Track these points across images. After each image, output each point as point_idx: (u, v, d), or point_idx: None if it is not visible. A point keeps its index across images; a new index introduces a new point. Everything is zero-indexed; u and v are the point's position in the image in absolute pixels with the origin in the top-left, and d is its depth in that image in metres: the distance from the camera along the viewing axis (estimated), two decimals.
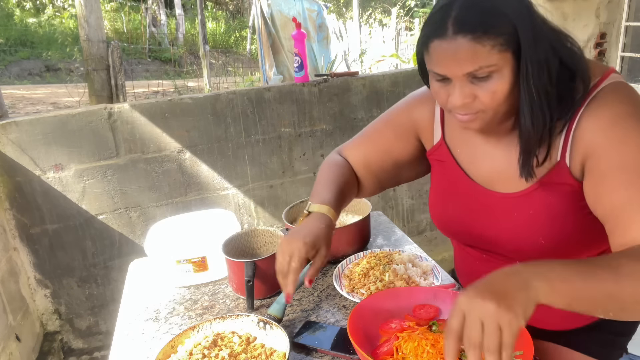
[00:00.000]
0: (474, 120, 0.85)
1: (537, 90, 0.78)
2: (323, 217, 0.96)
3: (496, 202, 0.95)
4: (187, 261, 1.26)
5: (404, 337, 0.85)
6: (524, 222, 0.91)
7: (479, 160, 0.98)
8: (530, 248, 0.91)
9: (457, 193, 1.02)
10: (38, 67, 9.77)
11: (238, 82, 7.88)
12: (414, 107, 1.09)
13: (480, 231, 0.99)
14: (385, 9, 13.95)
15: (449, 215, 1.05)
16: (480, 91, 0.80)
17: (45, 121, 2.00)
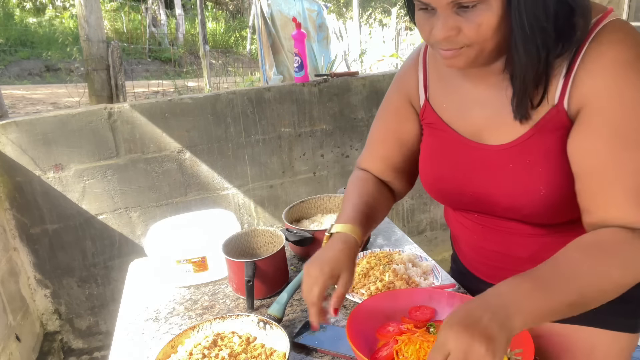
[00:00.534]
0: (458, 57, 0.78)
1: (531, 23, 0.71)
2: (344, 237, 0.90)
3: (489, 155, 0.88)
4: (187, 261, 1.26)
5: (404, 340, 0.85)
6: (522, 172, 0.84)
7: (467, 112, 0.91)
8: (530, 200, 0.84)
9: (446, 152, 0.95)
10: (38, 67, 9.77)
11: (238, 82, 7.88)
12: (401, 82, 1.04)
13: (474, 189, 0.92)
14: (385, 9, 13.95)
15: (438, 177, 0.98)
16: (466, 23, 0.73)
17: (45, 121, 2.00)
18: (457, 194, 0.96)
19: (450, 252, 1.24)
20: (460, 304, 0.69)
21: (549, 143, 0.81)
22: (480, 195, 0.91)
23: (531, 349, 0.79)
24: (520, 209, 0.87)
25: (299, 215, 1.49)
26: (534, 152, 0.83)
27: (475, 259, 1.06)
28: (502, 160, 0.86)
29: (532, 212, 0.85)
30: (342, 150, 2.51)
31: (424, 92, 0.99)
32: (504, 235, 0.94)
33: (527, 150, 0.83)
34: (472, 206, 0.96)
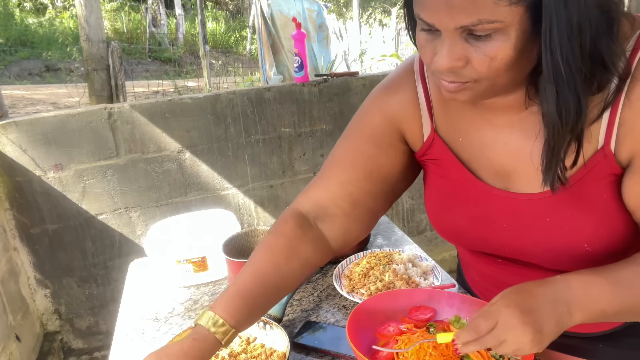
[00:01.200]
0: (462, 91, 0.65)
1: (568, 64, 0.56)
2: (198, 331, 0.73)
3: (520, 206, 0.74)
4: (187, 261, 1.26)
5: (404, 340, 0.85)
6: (561, 227, 0.71)
7: (487, 150, 0.75)
8: (572, 258, 0.73)
9: (465, 199, 0.80)
10: (38, 67, 9.77)
11: (238, 82, 7.88)
12: (385, 102, 0.84)
13: (503, 242, 0.79)
14: (385, 9, 13.96)
15: (459, 225, 0.82)
16: (476, 54, 0.60)
17: (45, 121, 2.00)
18: (483, 244, 0.82)
19: (450, 252, 1.23)
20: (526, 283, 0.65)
21: (595, 193, 0.69)
22: (511, 248, 0.79)
23: None
24: (557, 265, 0.76)
25: None
26: (577, 203, 0.70)
27: (486, 287, 0.98)
28: (537, 211, 0.73)
29: (571, 268, 0.70)
30: None
31: (430, 120, 0.80)
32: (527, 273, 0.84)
33: (565, 203, 0.70)
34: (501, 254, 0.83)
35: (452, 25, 0.58)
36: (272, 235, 0.84)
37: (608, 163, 0.67)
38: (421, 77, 0.81)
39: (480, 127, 0.76)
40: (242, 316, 0.75)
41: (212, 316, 0.73)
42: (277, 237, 0.83)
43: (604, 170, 0.68)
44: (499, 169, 0.76)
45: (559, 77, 0.58)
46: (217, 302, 0.75)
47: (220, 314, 0.73)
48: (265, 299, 0.79)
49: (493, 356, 0.82)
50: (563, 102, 0.60)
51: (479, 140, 0.76)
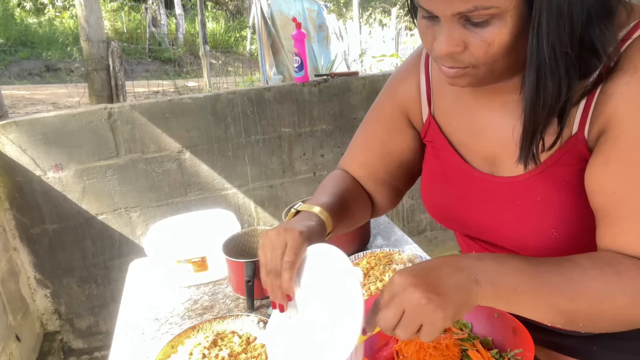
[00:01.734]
0: (462, 76, 0.67)
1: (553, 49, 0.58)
2: (313, 216, 0.78)
3: (496, 188, 0.77)
4: (187, 261, 1.26)
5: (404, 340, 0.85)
6: (530, 211, 0.73)
7: (478, 135, 0.79)
8: (539, 242, 0.74)
9: (450, 179, 0.84)
10: (38, 67, 9.77)
11: (238, 82, 7.88)
12: (396, 89, 0.90)
13: (479, 223, 0.82)
14: (385, 9, 13.96)
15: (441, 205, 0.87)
16: (473, 39, 0.61)
17: (45, 121, 2.00)
18: (462, 224, 0.87)
19: (450, 253, 1.23)
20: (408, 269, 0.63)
21: (565, 178, 0.70)
22: (486, 230, 0.82)
23: (531, 349, 0.79)
24: (527, 249, 0.76)
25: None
26: (547, 188, 0.71)
27: None
28: (511, 194, 0.75)
29: (539, 253, 0.73)
30: (342, 150, 2.51)
31: (428, 105, 0.85)
32: None
33: (537, 187, 0.72)
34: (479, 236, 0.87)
35: (449, 12, 0.60)
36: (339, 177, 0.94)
37: (580, 149, 0.68)
38: (425, 64, 0.85)
39: (474, 112, 0.79)
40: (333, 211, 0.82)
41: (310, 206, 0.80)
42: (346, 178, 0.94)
43: (576, 156, 0.68)
44: (486, 153, 0.79)
45: (542, 63, 0.59)
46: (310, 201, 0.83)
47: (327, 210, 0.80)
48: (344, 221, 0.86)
49: (493, 356, 0.82)
50: (542, 87, 0.61)
51: (471, 125, 0.80)
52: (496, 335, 0.87)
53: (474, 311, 0.92)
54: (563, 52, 0.58)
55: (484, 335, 0.88)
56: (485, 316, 0.90)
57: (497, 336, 0.87)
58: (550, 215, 0.71)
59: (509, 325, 0.86)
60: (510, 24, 0.59)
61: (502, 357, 0.82)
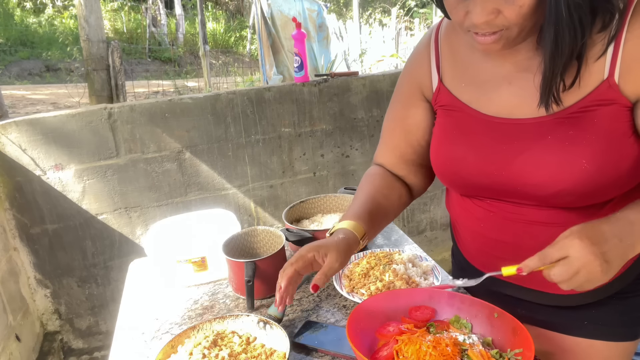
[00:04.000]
0: (498, 41, 0.73)
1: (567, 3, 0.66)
2: (342, 232, 0.92)
3: (523, 129, 0.81)
4: (187, 261, 1.26)
5: (404, 340, 0.85)
6: (562, 143, 0.77)
7: (492, 91, 0.85)
8: (570, 175, 0.77)
9: (464, 131, 0.88)
10: (38, 67, 9.77)
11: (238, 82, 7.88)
12: (411, 68, 0.99)
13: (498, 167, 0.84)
14: (385, 9, 13.96)
15: (452, 158, 0.91)
16: (505, 5, 0.68)
17: (45, 121, 2.00)
18: (476, 176, 0.88)
19: (450, 253, 1.23)
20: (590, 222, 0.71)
21: (599, 117, 0.75)
22: (508, 174, 0.84)
23: (531, 349, 0.79)
24: (555, 185, 0.79)
25: (299, 215, 1.49)
26: (579, 125, 0.76)
27: (477, 247, 1.01)
28: (540, 131, 0.80)
29: (568, 189, 0.78)
30: (342, 150, 2.51)
31: (437, 73, 0.93)
32: (516, 224, 0.89)
33: (570, 123, 0.77)
34: (490, 189, 0.89)
35: None
36: (370, 176, 1.05)
37: (613, 92, 0.74)
38: (435, 39, 0.94)
39: (485, 74, 0.86)
40: (368, 226, 0.94)
41: (350, 222, 0.93)
42: (375, 176, 1.04)
43: (608, 99, 0.75)
44: (502, 106, 0.84)
45: (559, 17, 0.67)
46: (347, 216, 0.95)
47: (355, 220, 0.94)
48: (379, 218, 0.99)
49: (493, 356, 0.82)
50: (561, 39, 0.69)
51: (482, 85, 0.86)
52: (496, 335, 0.87)
53: (474, 311, 0.92)
54: (577, 4, 0.66)
55: (484, 335, 0.88)
56: (485, 316, 0.90)
57: (497, 336, 0.87)
58: (582, 146, 0.76)
59: (509, 325, 0.86)
60: None
61: (502, 357, 0.82)
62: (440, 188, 2.77)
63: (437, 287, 1.10)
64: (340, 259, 0.88)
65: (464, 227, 1.04)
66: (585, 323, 0.95)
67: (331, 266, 0.88)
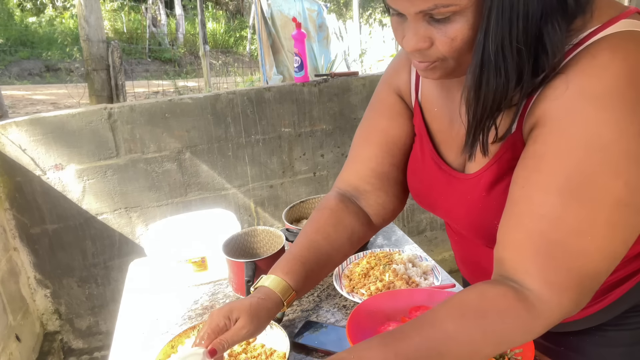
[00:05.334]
0: (433, 70, 0.69)
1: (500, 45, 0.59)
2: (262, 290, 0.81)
3: (454, 183, 0.81)
4: (187, 261, 1.26)
5: None
6: (476, 205, 0.77)
7: (454, 124, 0.81)
8: (486, 233, 0.77)
9: (424, 166, 0.87)
10: (38, 67, 9.77)
11: (238, 82, 7.88)
12: (391, 77, 0.93)
13: (444, 210, 0.87)
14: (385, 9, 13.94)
15: (418, 188, 0.91)
16: (438, 35, 0.63)
17: (45, 121, 2.00)
18: (434, 209, 0.91)
19: (450, 253, 1.24)
20: None
21: (507, 175, 0.71)
22: (450, 217, 0.87)
23: (531, 349, 0.79)
24: (479, 237, 0.81)
25: (299, 215, 1.49)
26: (491, 184, 0.74)
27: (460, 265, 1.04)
28: (464, 189, 0.79)
29: (489, 242, 0.76)
30: (342, 150, 2.51)
31: (415, 92, 0.89)
32: (476, 247, 0.89)
33: (483, 183, 0.75)
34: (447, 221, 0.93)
35: (412, 10, 0.62)
36: (319, 211, 0.93)
37: (518, 146, 0.70)
38: None
39: (454, 101, 0.80)
40: (300, 279, 0.83)
41: (274, 278, 0.82)
42: (323, 211, 0.93)
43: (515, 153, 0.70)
44: (455, 144, 0.81)
45: (485, 59, 0.61)
46: (276, 268, 0.84)
47: (282, 276, 0.82)
48: (318, 266, 0.87)
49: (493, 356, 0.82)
50: (485, 83, 0.63)
51: (449, 113, 0.82)
52: None
53: None
54: (514, 48, 0.59)
55: None
56: None
57: None
58: (492, 210, 0.74)
59: None
60: (471, 20, 0.60)
61: (502, 357, 0.82)
62: None
63: (437, 287, 1.11)
64: (251, 326, 0.77)
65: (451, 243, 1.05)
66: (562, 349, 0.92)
67: (236, 333, 0.76)
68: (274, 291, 0.81)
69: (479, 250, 0.87)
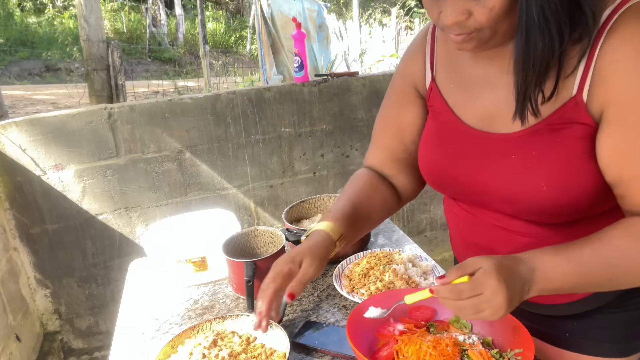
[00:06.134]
0: (469, 41, 0.72)
1: (542, 8, 0.63)
2: (316, 233, 0.89)
3: (492, 144, 0.82)
4: (187, 261, 1.26)
5: (404, 340, 0.85)
6: (525, 163, 0.77)
7: (475, 96, 0.85)
8: (528, 196, 0.78)
9: (445, 138, 0.90)
10: (38, 67, 9.77)
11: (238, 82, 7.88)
12: (405, 66, 0.98)
13: (471, 179, 0.86)
14: (385, 9, 13.96)
15: (434, 164, 0.93)
16: (476, 7, 0.66)
17: (45, 121, 2.00)
18: (453, 182, 0.91)
19: (450, 253, 1.24)
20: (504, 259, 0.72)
21: (562, 137, 0.74)
22: (477, 185, 0.86)
23: (531, 349, 0.79)
24: (516, 203, 0.81)
25: (299, 215, 1.49)
26: (543, 144, 0.76)
27: (462, 251, 1.02)
28: (507, 149, 0.80)
29: (527, 208, 0.80)
30: (342, 150, 2.51)
31: (430, 71, 0.92)
32: (490, 229, 0.90)
33: (532, 143, 0.77)
34: (466, 196, 0.91)
35: None
36: (356, 178, 1.02)
37: (579, 111, 0.72)
38: (431, 37, 0.94)
39: (473, 76, 0.85)
40: (346, 227, 0.91)
41: (325, 222, 0.90)
42: (361, 177, 1.02)
43: (574, 118, 0.73)
44: (482, 113, 0.84)
45: (531, 23, 0.64)
46: (324, 218, 0.92)
47: (332, 221, 0.90)
48: (360, 222, 0.95)
49: (493, 356, 0.82)
50: (532, 46, 0.66)
51: (469, 87, 0.86)
52: (496, 335, 0.87)
53: None
54: (553, 10, 0.63)
55: (484, 335, 0.88)
56: None
57: (497, 336, 0.87)
58: (542, 169, 0.76)
59: (509, 325, 0.86)
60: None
61: (502, 357, 0.82)
62: None
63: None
64: (315, 264, 0.84)
65: (451, 227, 1.05)
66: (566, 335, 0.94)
67: (305, 272, 0.83)
68: (327, 232, 0.88)
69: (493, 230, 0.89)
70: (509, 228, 0.87)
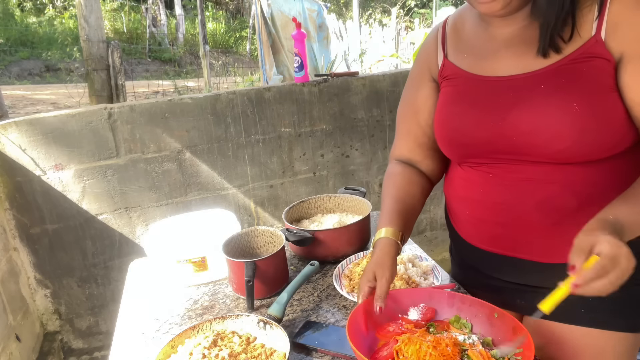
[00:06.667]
0: (497, 1, 0.83)
1: None
2: (382, 242, 0.97)
3: (518, 83, 0.89)
4: (187, 261, 1.26)
5: (404, 340, 0.85)
6: (555, 88, 0.84)
7: (490, 54, 0.94)
8: (562, 118, 0.83)
9: (463, 95, 0.97)
10: (38, 67, 9.77)
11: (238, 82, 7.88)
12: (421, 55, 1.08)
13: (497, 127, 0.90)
14: (385, 9, 13.96)
15: (452, 125, 0.98)
16: None
17: (45, 121, 2.00)
18: (474, 130, 0.94)
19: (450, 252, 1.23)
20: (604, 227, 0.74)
21: (587, 68, 0.83)
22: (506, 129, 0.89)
23: (531, 349, 0.79)
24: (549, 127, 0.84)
25: (299, 215, 1.49)
26: (570, 74, 0.84)
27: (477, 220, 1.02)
28: (533, 82, 0.87)
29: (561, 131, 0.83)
30: (342, 150, 2.51)
31: (442, 51, 1.02)
32: (514, 184, 0.92)
33: (561, 73, 0.84)
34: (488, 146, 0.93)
35: None
36: (392, 176, 1.10)
37: (599, 48, 0.82)
38: (442, 30, 1.05)
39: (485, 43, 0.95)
40: (401, 224, 1.00)
41: (385, 229, 0.98)
42: (396, 175, 1.10)
43: (595, 53, 0.82)
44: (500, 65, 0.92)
45: None
46: (380, 224, 1.00)
47: (389, 226, 0.99)
48: (409, 215, 1.04)
49: (493, 356, 0.82)
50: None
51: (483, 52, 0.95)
52: (496, 335, 0.88)
53: (474, 311, 0.92)
54: None
55: (484, 335, 0.88)
56: (485, 316, 0.90)
57: (497, 336, 0.87)
58: (572, 91, 0.83)
59: (509, 325, 0.86)
60: None
61: (502, 357, 0.82)
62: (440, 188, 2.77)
63: (437, 287, 1.10)
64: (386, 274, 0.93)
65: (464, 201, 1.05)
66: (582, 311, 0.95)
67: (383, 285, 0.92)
68: (389, 237, 0.97)
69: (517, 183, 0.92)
70: (531, 176, 0.90)
